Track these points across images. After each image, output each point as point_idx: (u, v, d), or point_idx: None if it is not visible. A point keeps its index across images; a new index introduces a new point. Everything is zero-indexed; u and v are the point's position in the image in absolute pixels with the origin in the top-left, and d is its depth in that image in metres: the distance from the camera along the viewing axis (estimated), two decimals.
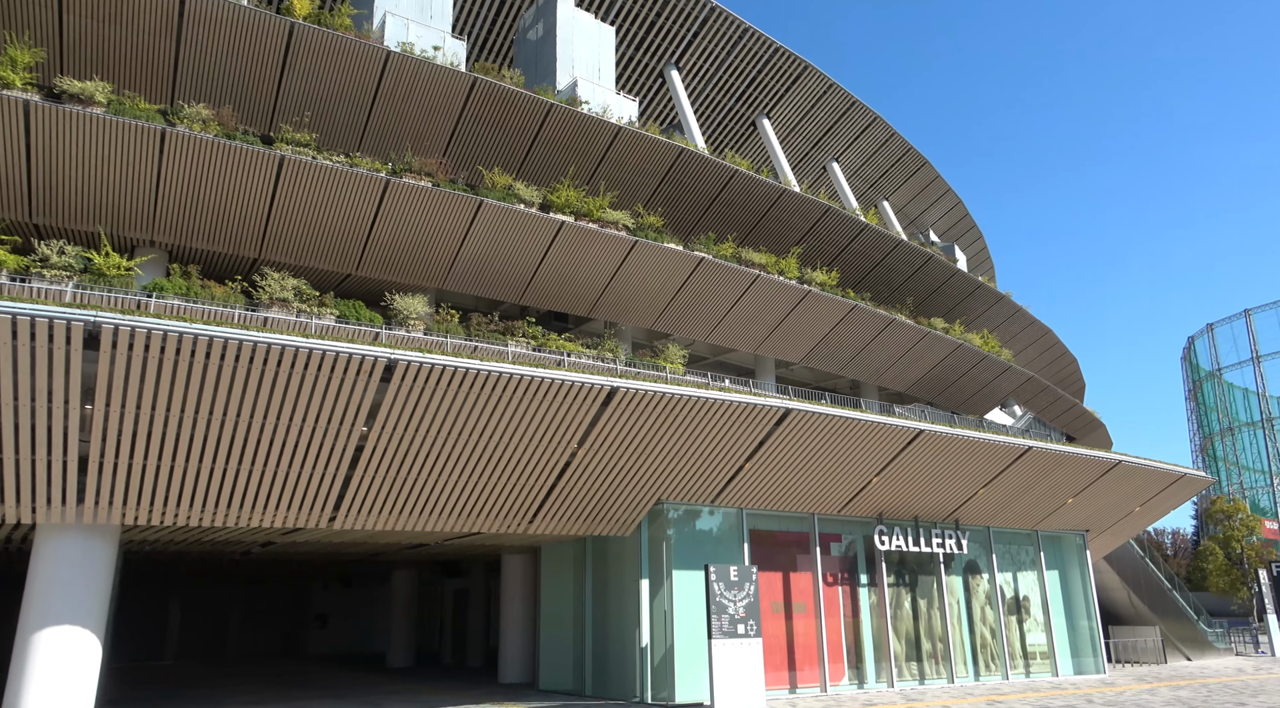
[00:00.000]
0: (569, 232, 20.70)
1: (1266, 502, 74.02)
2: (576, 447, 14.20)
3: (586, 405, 13.47)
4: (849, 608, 18.28)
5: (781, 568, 17.57)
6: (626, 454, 14.65)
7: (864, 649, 18.19)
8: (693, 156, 25.18)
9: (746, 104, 36.06)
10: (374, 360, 11.58)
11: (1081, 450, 19.37)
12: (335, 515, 13.33)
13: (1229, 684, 19.48)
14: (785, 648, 17.15)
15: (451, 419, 12.66)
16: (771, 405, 14.91)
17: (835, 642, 17.78)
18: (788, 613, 17.38)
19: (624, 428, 14.16)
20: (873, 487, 17.74)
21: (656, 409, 14.05)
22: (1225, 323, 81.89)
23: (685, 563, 16.14)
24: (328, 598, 30.55)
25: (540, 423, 13.38)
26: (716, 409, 14.49)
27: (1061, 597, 22.02)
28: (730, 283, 24.78)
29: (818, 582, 17.68)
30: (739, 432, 15.11)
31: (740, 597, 15.30)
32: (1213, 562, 57.23)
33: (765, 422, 15.09)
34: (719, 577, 15.08)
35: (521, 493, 14.43)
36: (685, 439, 14.84)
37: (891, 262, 33.15)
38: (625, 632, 16.34)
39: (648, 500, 15.75)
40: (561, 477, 14.54)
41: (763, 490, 16.73)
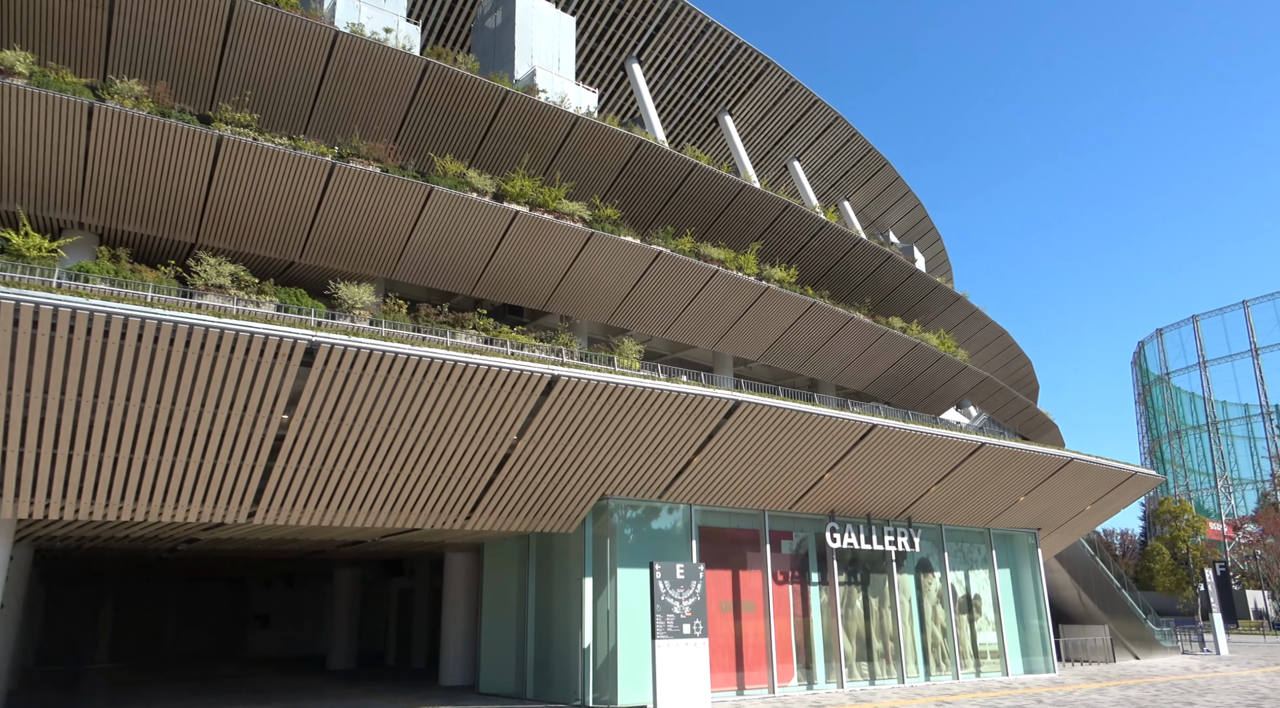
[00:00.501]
0: (523, 222, 19.90)
1: (1211, 504, 75.35)
2: (516, 438, 13.43)
3: (526, 395, 12.71)
4: (799, 607, 17.70)
5: (731, 566, 16.94)
6: (569, 447, 13.91)
7: (814, 649, 17.63)
8: (651, 149, 24.49)
9: (708, 100, 35.46)
10: (293, 343, 10.71)
11: (1034, 447, 19.02)
12: (255, 510, 12.43)
13: (1177, 683, 19.24)
14: (733, 648, 16.52)
15: (379, 408, 11.82)
16: (720, 397, 14.26)
17: (784, 642, 17.19)
18: (736, 612, 16.75)
19: (566, 419, 13.42)
20: (825, 483, 17.18)
21: (600, 400, 13.33)
22: (1174, 328, 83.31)
23: (631, 561, 15.44)
24: (269, 598, 29.32)
25: (477, 413, 12.60)
26: (663, 400, 13.81)
27: (1013, 595, 21.68)
28: (688, 278, 24.12)
29: (767, 580, 17.08)
30: (687, 424, 14.44)
31: (686, 596, 14.63)
32: (1159, 562, 57.94)
33: (714, 414, 14.44)
34: (664, 575, 14.40)
35: (457, 487, 13.62)
36: (631, 432, 14.14)
37: (851, 260, 32.77)
38: (568, 632, 15.60)
39: (592, 495, 15.02)
40: (500, 470, 13.76)
41: (712, 486, 16.08)
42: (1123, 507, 24.00)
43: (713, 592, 16.49)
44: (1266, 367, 74.77)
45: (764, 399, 14.71)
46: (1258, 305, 76.03)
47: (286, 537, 16.08)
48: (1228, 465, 76.76)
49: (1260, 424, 74.13)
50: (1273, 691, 17.77)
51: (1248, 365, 76.20)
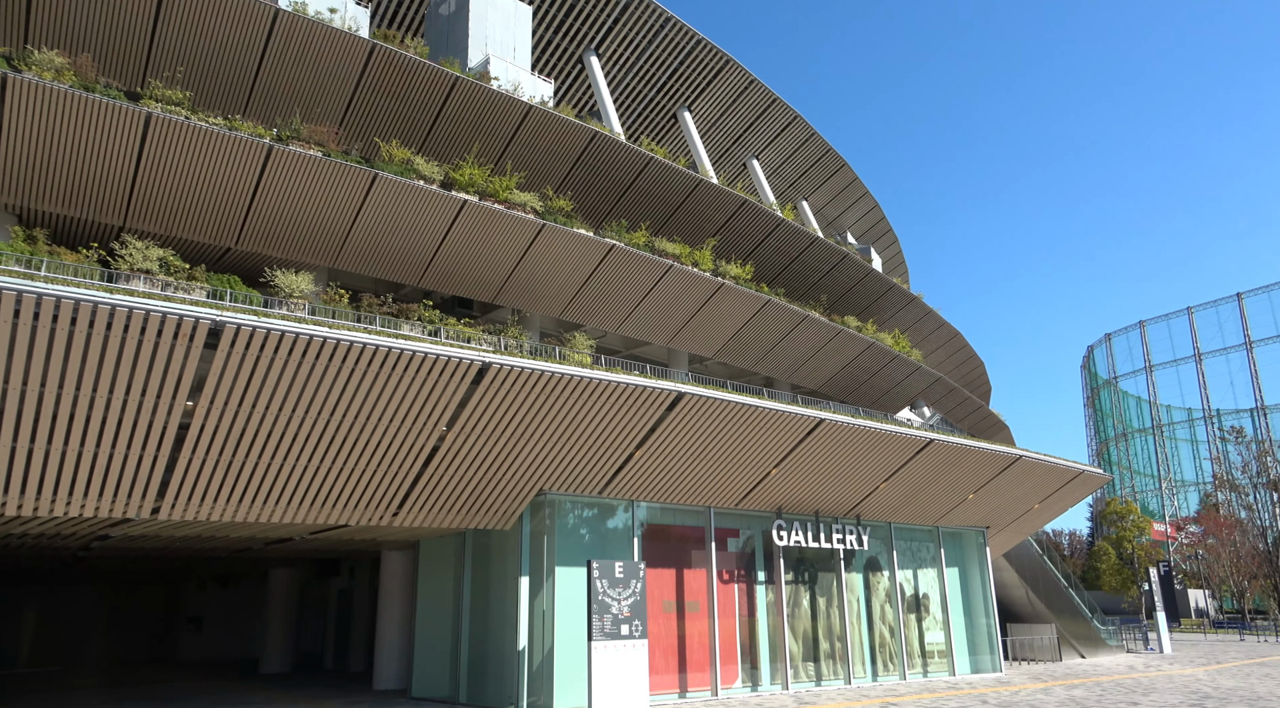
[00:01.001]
0: (472, 211, 19.03)
1: (1155, 505, 76.63)
2: (445, 429, 12.61)
3: (455, 384, 11.90)
4: (745, 606, 17.08)
5: (675, 565, 16.27)
6: (503, 440, 13.12)
7: (760, 650, 17.03)
8: (607, 141, 23.74)
9: (667, 96, 34.81)
10: (194, 323, 9.80)
11: (983, 444, 18.63)
12: (160, 504, 11.45)
13: (1121, 683, 18.98)
14: (676, 649, 15.84)
15: (293, 395, 10.95)
16: (662, 389, 13.58)
17: (729, 642, 16.56)
18: (680, 612, 16.08)
19: (499, 410, 12.64)
20: (772, 479, 16.60)
21: (534, 390, 12.57)
22: (1122, 333, 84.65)
23: (570, 559, 14.70)
24: (204, 599, 27.89)
25: (401, 402, 11.77)
26: (602, 391, 13.09)
27: (961, 594, 21.31)
28: (642, 272, 23.42)
29: (712, 579, 16.43)
30: (628, 417, 13.74)
31: (625, 595, 13.92)
32: (1106, 562, 58.62)
33: (656, 407, 13.76)
34: (602, 574, 13.67)
35: (383, 481, 12.76)
36: (568, 424, 13.40)
37: (807, 259, 32.36)
38: (504, 634, 14.81)
39: (529, 491, 14.24)
40: (429, 463, 12.93)
41: (655, 482, 15.40)
42: (1070, 505, 23.83)
43: (655, 591, 15.81)
44: (1209, 372, 76.29)
45: (707, 391, 14.07)
46: (1201, 312, 77.55)
47: (204, 534, 15.06)
48: (1171, 468, 78.17)
49: (1202, 427, 75.57)
50: (1215, 690, 17.56)
51: (1191, 371, 77.70)
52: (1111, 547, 58.92)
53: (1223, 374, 74.81)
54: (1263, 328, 72.63)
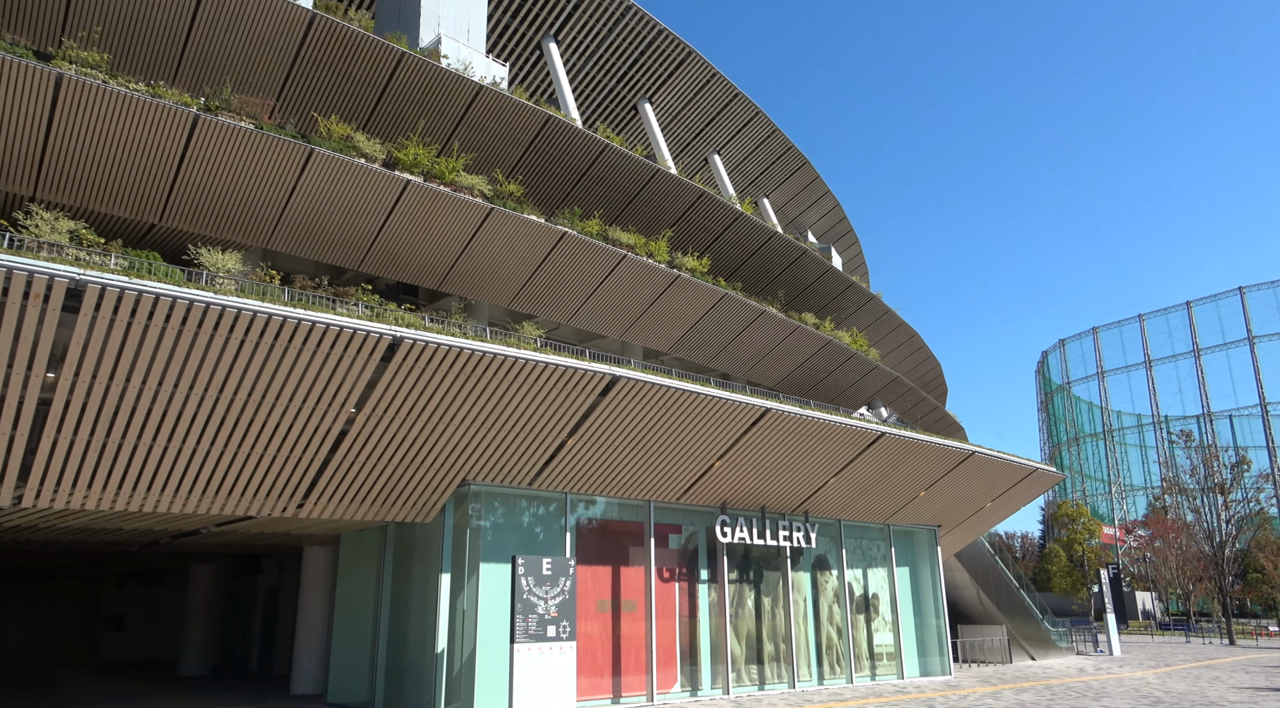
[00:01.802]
0: (416, 192, 17.75)
1: (1105, 509, 77.29)
2: (354, 412, 11.40)
3: (362, 361, 10.71)
4: (686, 606, 16.06)
5: (612, 562, 15.20)
6: (420, 424, 11.94)
7: (700, 652, 16.01)
8: (561, 126, 22.55)
9: (628, 86, 33.74)
10: (49, 281, 8.51)
11: (936, 439, 17.82)
12: (21, 492, 10.10)
13: (1071, 687, 18.28)
14: (611, 652, 14.76)
15: (173, 369, 9.69)
16: (596, 371, 12.51)
17: (667, 644, 15.52)
18: (616, 612, 15.01)
19: (414, 391, 11.47)
20: (715, 472, 15.60)
21: (453, 369, 11.42)
22: (1076, 339, 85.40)
23: (496, 555, 13.56)
24: (124, 598, 26.12)
25: (301, 380, 10.55)
26: (529, 373, 11.98)
27: (911, 595, 20.51)
28: (596, 262, 22.30)
29: (650, 577, 15.39)
30: (558, 402, 12.64)
31: (553, 594, 12.80)
32: (1057, 564, 58.79)
33: (589, 391, 12.68)
34: (528, 570, 12.55)
35: (284, 468, 11.51)
36: (493, 408, 12.26)
37: (766, 254, 31.49)
38: (425, 635, 13.60)
39: (451, 481, 13.07)
40: (337, 449, 11.72)
41: (590, 473, 14.31)
42: (1023, 504, 23.20)
43: (589, 590, 14.72)
44: (1159, 378, 77.16)
45: (644, 375, 13.02)
46: (1153, 320, 78.44)
47: (93, 525, 13.64)
48: (1121, 472, 78.93)
49: (1151, 433, 76.38)
50: (1165, 693, 16.91)
51: (1142, 377, 78.54)
52: (1062, 549, 59.12)
53: (1172, 381, 75.80)
54: (1210, 336, 73.69)
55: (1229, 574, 44.92)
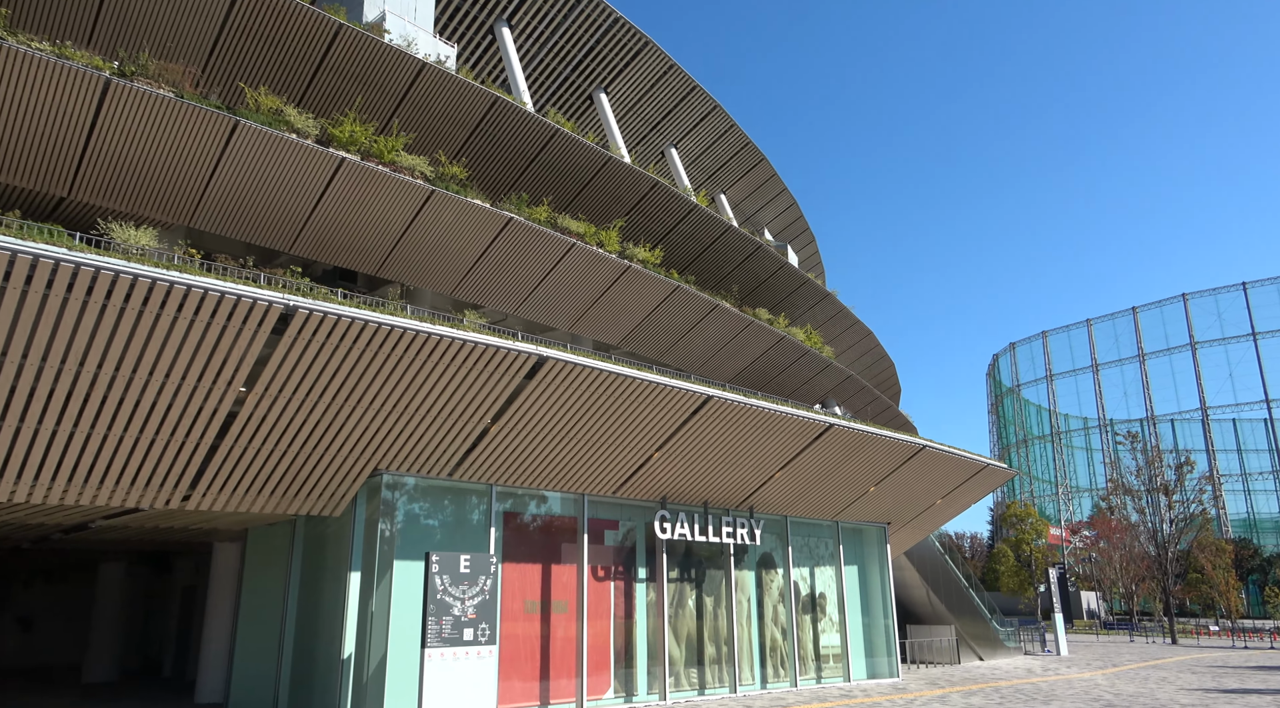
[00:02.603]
0: (351, 171, 16.39)
1: (1052, 510, 78.18)
2: (244, 390, 10.13)
3: (250, 333, 9.46)
4: (621, 607, 15.02)
5: (542, 559, 14.09)
6: (322, 406, 10.72)
7: (636, 655, 14.98)
8: (509, 108, 21.30)
9: (583, 75, 32.58)
10: None
11: (886, 432, 17.04)
12: None
13: (1020, 689, 17.64)
14: (539, 656, 13.65)
15: (19, 338, 8.33)
16: (520, 351, 11.40)
17: (601, 647, 14.45)
18: (545, 613, 13.90)
19: (313, 369, 10.25)
20: (654, 464, 14.59)
21: (359, 346, 10.23)
22: (1025, 343, 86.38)
23: (413, 552, 12.39)
24: (32, 597, 24.23)
25: (180, 355, 9.28)
26: (445, 351, 10.84)
27: (859, 594, 19.73)
28: (543, 250, 21.11)
29: (583, 576, 14.31)
30: (480, 384, 11.51)
31: (472, 594, 11.66)
32: (1005, 564, 59.05)
33: (513, 373, 11.57)
34: (443, 568, 11.39)
35: (165, 454, 10.20)
36: (406, 390, 11.09)
37: (720, 247, 30.59)
38: (334, 639, 12.34)
39: (361, 470, 11.86)
40: (226, 433, 10.43)
41: (518, 463, 13.19)
42: (973, 501, 22.62)
43: (516, 589, 13.59)
44: (1105, 382, 78.35)
45: (574, 357, 11.95)
46: (1100, 325, 79.63)
47: None
48: (1068, 474, 79.96)
49: (1097, 436, 77.48)
50: (1116, 697, 16.34)
51: (1089, 380, 79.66)
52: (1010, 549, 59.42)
53: (1117, 385, 77.01)
54: (1154, 341, 75.00)
55: (1171, 575, 45.33)
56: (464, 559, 11.72)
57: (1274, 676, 22.43)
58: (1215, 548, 51.98)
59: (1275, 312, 69.10)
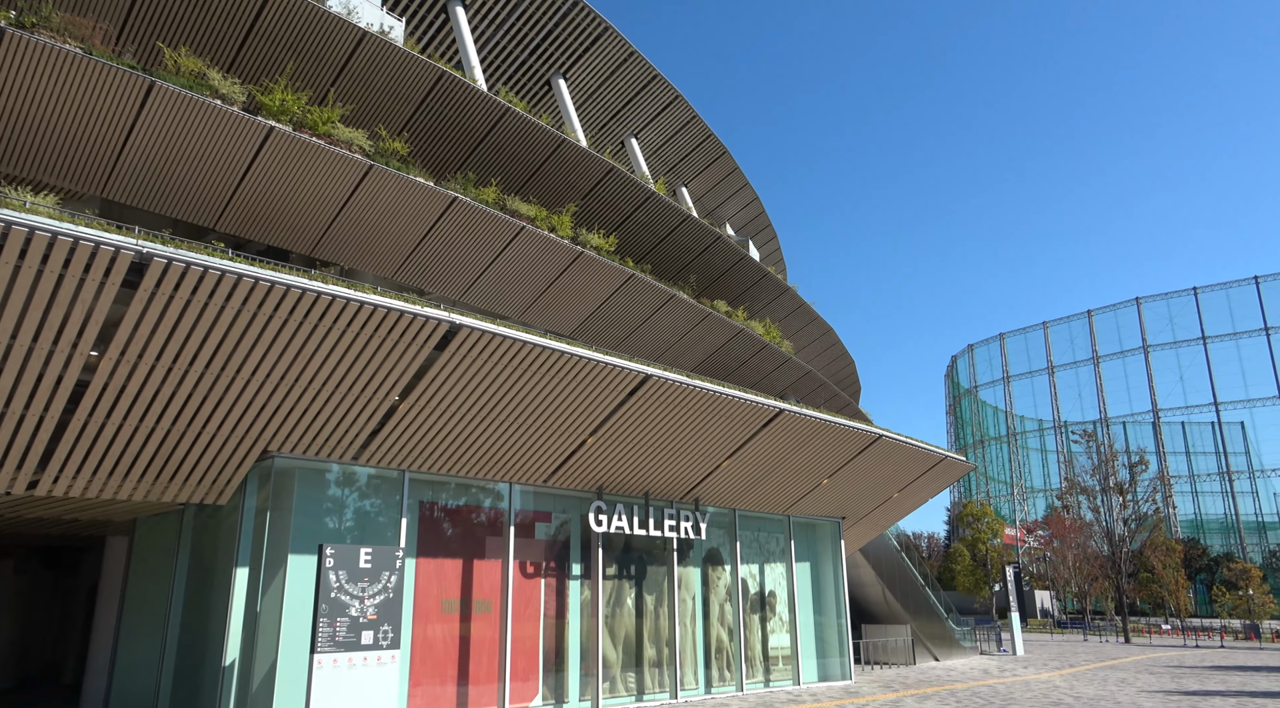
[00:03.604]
0: (282, 142, 14.77)
1: (1007, 510, 78.25)
2: (94, 355, 8.60)
3: (94, 285, 7.95)
4: (553, 606, 13.64)
5: (462, 554, 12.67)
6: (193, 375, 9.21)
7: (568, 659, 13.61)
8: (457, 84, 19.76)
9: (541, 59, 31.06)
10: None
11: (840, 420, 15.89)
12: None
13: (977, 692, 16.59)
14: (456, 661, 12.22)
15: None
16: (430, 317, 10.01)
17: (528, 651, 13.06)
18: (465, 613, 12.49)
19: (179, 332, 8.73)
20: (589, 451, 13.25)
21: (234, 306, 8.74)
22: (983, 344, 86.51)
23: (311, 546, 10.90)
24: None
25: (10, 308, 7.72)
26: (340, 314, 9.39)
27: (811, 592, 18.57)
28: (491, 233, 19.63)
29: (508, 573, 12.91)
30: (385, 354, 10.09)
31: (373, 592, 10.23)
32: (961, 563, 58.70)
33: (420, 343, 10.15)
34: (340, 562, 9.95)
35: (2, 430, 8.62)
36: (296, 358, 9.63)
37: (678, 237, 29.31)
38: (222, 642, 10.79)
39: (247, 451, 10.35)
40: (78, 406, 8.88)
41: (433, 447, 11.76)
42: (931, 495, 21.62)
43: (433, 587, 12.16)
44: (1060, 384, 78.63)
45: (492, 326, 10.58)
46: (1056, 327, 79.94)
47: None
48: (1023, 475, 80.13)
49: (1052, 437, 77.75)
50: (1076, 699, 15.36)
51: (1044, 382, 79.92)
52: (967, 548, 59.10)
53: (1072, 387, 77.29)
54: (1108, 344, 75.42)
55: (1125, 574, 45.11)
56: (364, 553, 10.29)
57: (1232, 676, 21.77)
58: (1166, 548, 52.03)
59: (1224, 317, 69.85)
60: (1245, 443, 68.91)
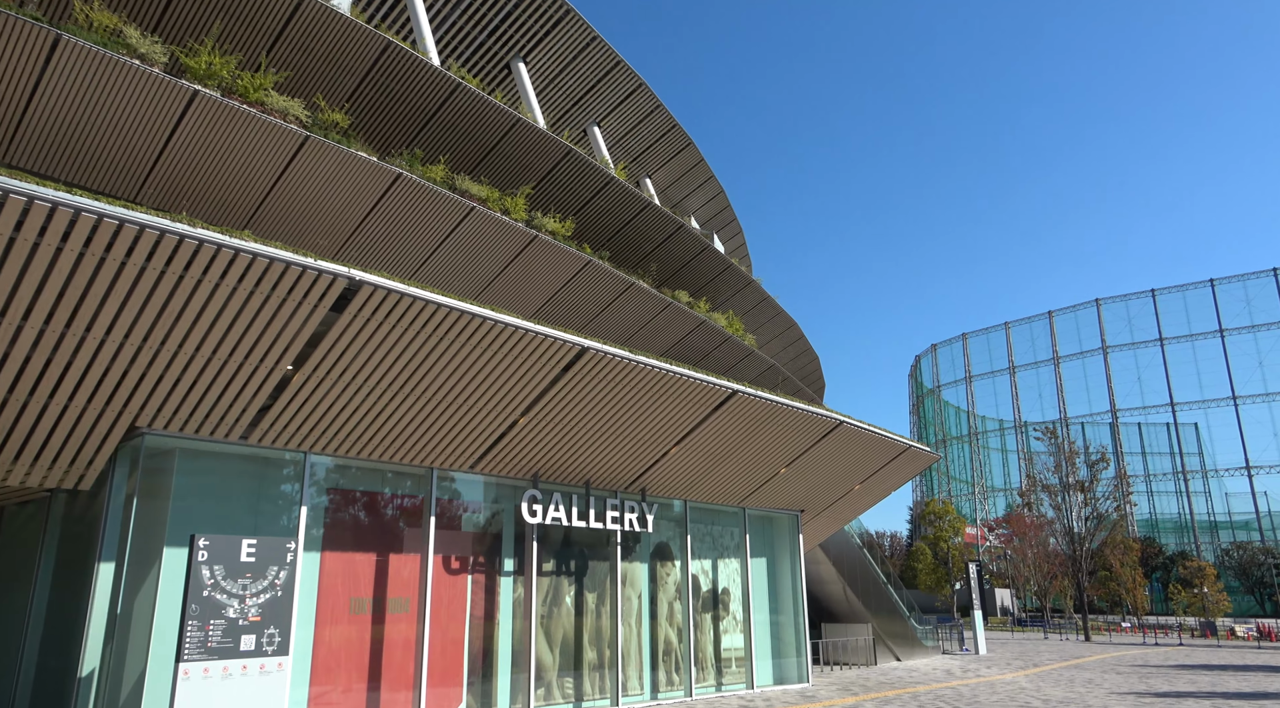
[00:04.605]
0: (208, 108, 13.18)
1: (968, 509, 78.12)
2: None
3: None
4: (481, 605, 12.23)
5: (376, 547, 11.22)
6: (50, 335, 7.67)
7: (497, 664, 12.22)
8: (404, 56, 18.21)
9: (500, 42, 29.53)
10: None
11: (798, 404, 14.67)
12: None
13: (940, 695, 15.47)
14: (367, 667, 10.76)
15: None
16: (325, 271, 8.56)
17: (452, 654, 11.64)
18: (378, 614, 11.03)
19: (27, 284, 7.21)
20: (521, 433, 11.87)
21: (78, 246, 7.24)
22: (946, 345, 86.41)
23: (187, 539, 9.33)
24: None
25: None
26: (211, 263, 7.93)
27: (768, 590, 17.35)
28: (439, 213, 18.14)
29: (427, 568, 11.48)
30: (270, 314, 8.61)
31: (257, 589, 8.76)
32: (923, 561, 58.22)
33: (314, 300, 8.70)
34: (215, 555, 8.48)
35: None
36: (168, 321, 8.13)
37: (639, 225, 27.97)
38: (88, 648, 9.23)
39: (109, 427, 8.82)
40: None
41: (339, 425, 10.30)
42: (895, 488, 20.52)
43: (339, 585, 10.70)
44: (1021, 384, 78.68)
45: (399, 285, 9.14)
46: (1018, 328, 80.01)
47: None
48: (984, 474, 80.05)
49: (1012, 437, 77.72)
50: (1044, 703, 14.29)
51: (1006, 382, 79.91)
52: (929, 547, 58.62)
53: (1033, 387, 77.37)
54: (1069, 345, 75.63)
55: (1085, 571, 44.72)
56: (247, 545, 8.81)
57: (1200, 675, 20.99)
58: (1124, 547, 51.91)
59: (1180, 319, 70.31)
60: (1199, 444, 69.42)
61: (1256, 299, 67.23)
